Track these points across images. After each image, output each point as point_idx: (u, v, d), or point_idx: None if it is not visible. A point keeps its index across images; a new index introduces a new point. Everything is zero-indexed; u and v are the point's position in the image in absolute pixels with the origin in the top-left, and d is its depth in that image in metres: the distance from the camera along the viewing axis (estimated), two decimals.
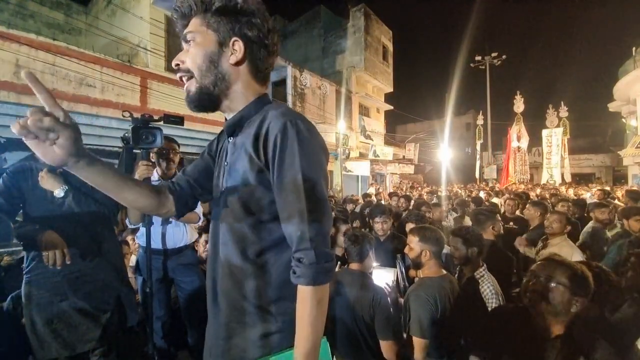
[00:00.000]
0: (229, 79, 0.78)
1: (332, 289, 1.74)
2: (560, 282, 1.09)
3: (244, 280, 0.76)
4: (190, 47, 0.77)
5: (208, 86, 0.76)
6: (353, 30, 14.75)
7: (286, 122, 0.70)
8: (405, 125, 29.20)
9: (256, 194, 0.74)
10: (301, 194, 0.68)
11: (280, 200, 0.71)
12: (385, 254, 2.47)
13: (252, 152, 0.74)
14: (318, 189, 0.70)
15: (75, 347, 1.55)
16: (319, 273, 0.67)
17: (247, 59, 0.79)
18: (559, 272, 1.12)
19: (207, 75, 0.76)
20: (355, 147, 14.59)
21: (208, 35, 0.76)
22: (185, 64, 0.77)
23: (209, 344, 0.86)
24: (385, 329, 1.55)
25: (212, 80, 0.76)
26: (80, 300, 1.57)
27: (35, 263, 1.54)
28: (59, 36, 7.85)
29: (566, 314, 1.09)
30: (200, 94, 0.76)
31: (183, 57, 0.77)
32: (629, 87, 13.56)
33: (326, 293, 0.70)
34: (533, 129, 17.33)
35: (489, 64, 21.10)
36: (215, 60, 0.76)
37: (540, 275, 1.15)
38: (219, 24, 0.75)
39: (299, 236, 0.68)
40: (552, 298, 1.09)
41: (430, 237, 1.70)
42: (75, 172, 0.68)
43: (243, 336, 0.77)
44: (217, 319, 0.82)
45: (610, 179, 19.38)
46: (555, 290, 1.10)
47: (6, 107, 5.07)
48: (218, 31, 0.75)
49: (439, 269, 1.70)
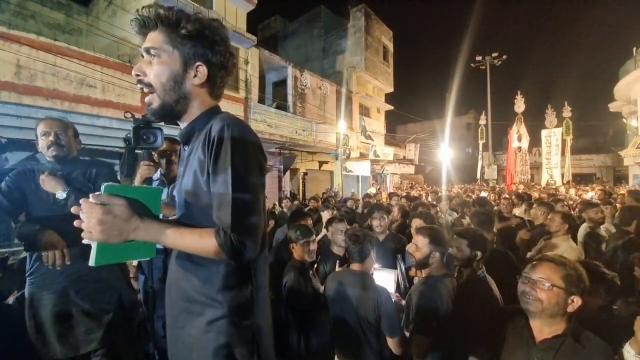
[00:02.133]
0: (190, 97, 0.86)
1: (333, 290, 1.75)
2: (555, 285, 1.08)
3: (193, 272, 0.84)
4: (154, 62, 0.81)
5: (170, 103, 0.83)
6: (353, 30, 14.75)
7: (224, 124, 0.78)
8: (405, 125, 29.21)
9: (204, 192, 0.80)
10: (229, 186, 0.75)
11: (213, 191, 0.78)
12: (385, 254, 2.47)
13: (200, 155, 0.80)
14: (246, 182, 0.77)
15: (78, 348, 1.55)
16: (226, 248, 0.74)
17: (208, 81, 0.86)
18: (552, 274, 1.10)
19: (170, 94, 0.82)
20: (356, 147, 14.59)
21: (174, 56, 0.81)
22: (147, 77, 0.81)
23: (168, 336, 0.92)
24: (393, 327, 1.56)
25: (175, 98, 0.83)
26: (82, 300, 1.58)
27: (38, 264, 1.54)
28: (59, 36, 7.86)
29: (564, 314, 1.09)
30: (163, 109, 0.83)
31: (144, 69, 0.82)
32: (629, 87, 13.55)
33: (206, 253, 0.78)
34: (533, 129, 17.32)
35: (490, 64, 21.09)
36: (179, 81, 0.82)
37: (533, 278, 1.13)
38: (185, 46, 0.81)
39: (222, 221, 0.76)
40: (548, 301, 1.08)
41: (441, 240, 1.71)
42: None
43: (192, 325, 0.83)
44: (171, 309, 0.91)
45: (611, 179, 19.35)
46: (550, 293, 1.08)
47: (7, 107, 5.08)
48: (184, 53, 0.82)
49: (442, 268, 1.71)
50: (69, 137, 1.69)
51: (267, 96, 12.02)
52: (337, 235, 2.44)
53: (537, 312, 1.11)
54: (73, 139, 1.72)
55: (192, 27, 0.81)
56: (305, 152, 12.17)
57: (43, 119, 1.67)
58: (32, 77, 5.30)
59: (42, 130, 1.62)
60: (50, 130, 1.62)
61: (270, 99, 12.02)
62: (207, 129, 0.81)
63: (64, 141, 1.65)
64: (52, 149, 1.61)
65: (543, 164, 16.30)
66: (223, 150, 0.76)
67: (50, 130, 1.62)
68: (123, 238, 0.73)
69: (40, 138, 1.62)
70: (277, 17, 17.47)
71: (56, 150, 1.62)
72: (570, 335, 1.07)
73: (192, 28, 0.81)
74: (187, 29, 0.80)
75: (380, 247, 2.48)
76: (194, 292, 0.84)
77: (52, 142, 1.61)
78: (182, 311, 0.86)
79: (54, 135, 1.62)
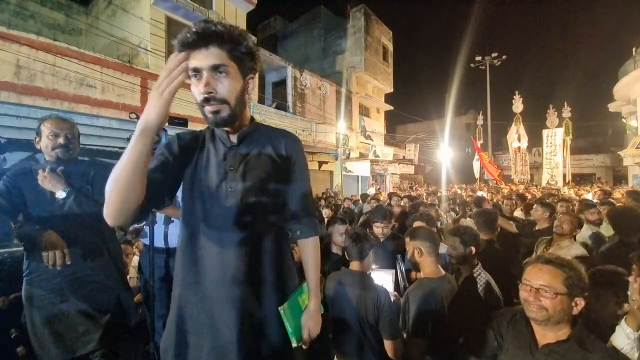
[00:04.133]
0: (245, 104, 1.00)
1: (333, 290, 1.74)
2: (558, 292, 1.05)
3: (268, 262, 0.99)
4: (223, 78, 0.88)
5: (238, 113, 0.95)
6: (353, 30, 14.76)
7: (298, 141, 1.14)
8: (405, 125, 29.23)
9: (275, 188, 1.02)
10: (307, 183, 1.12)
11: (294, 187, 1.07)
12: (385, 254, 2.47)
13: (274, 156, 1.03)
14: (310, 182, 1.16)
15: (75, 350, 1.54)
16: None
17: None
18: (553, 280, 1.07)
19: (240, 105, 0.95)
20: (356, 147, 14.60)
21: (237, 72, 0.91)
22: (219, 94, 0.88)
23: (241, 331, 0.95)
24: (391, 328, 1.55)
25: (241, 107, 0.97)
26: (80, 301, 1.56)
27: (35, 264, 1.53)
28: (59, 37, 7.85)
29: (569, 319, 1.07)
30: (232, 118, 0.93)
31: (215, 86, 0.87)
32: (629, 87, 13.56)
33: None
34: (533, 129, 17.35)
35: (489, 64, 21.10)
36: (243, 93, 0.95)
37: (535, 286, 1.10)
38: (244, 63, 0.93)
39: (303, 209, 1.08)
40: (554, 309, 1.05)
41: (418, 234, 1.72)
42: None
43: (271, 304, 0.99)
44: (235, 306, 0.94)
45: (611, 179, 19.37)
46: (554, 301, 1.05)
47: (6, 107, 5.08)
48: (243, 68, 0.93)
49: (438, 270, 1.70)
50: (76, 140, 1.68)
51: (266, 96, 12.04)
52: (336, 235, 2.44)
53: (543, 320, 1.08)
54: (78, 142, 1.71)
55: (249, 45, 0.91)
56: (305, 152, 12.16)
57: (52, 118, 1.63)
58: (32, 77, 5.29)
59: (50, 129, 1.58)
60: (61, 132, 1.59)
61: (270, 99, 12.03)
62: (271, 136, 1.07)
63: (72, 144, 1.63)
64: (59, 150, 1.58)
65: (543, 164, 16.31)
66: (302, 158, 1.10)
67: (60, 132, 1.59)
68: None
69: (47, 137, 1.58)
70: (277, 17, 17.48)
71: (62, 153, 1.59)
72: (575, 340, 1.04)
73: (250, 46, 0.92)
74: (246, 46, 0.91)
75: (380, 247, 2.48)
76: (272, 277, 0.99)
77: (60, 145, 1.58)
78: (259, 298, 0.97)
79: (63, 138, 1.59)
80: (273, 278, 0.99)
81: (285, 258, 1.05)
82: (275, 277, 0.99)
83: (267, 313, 0.97)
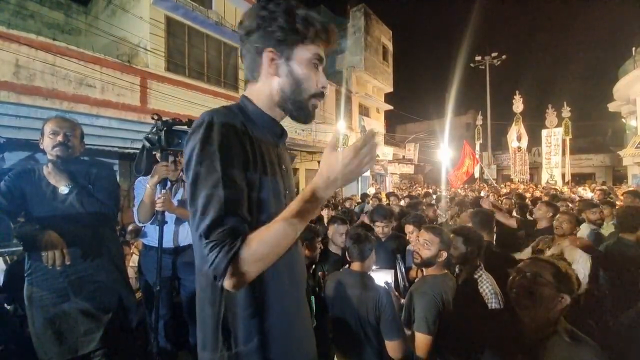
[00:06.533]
0: None
1: (333, 290, 1.74)
2: (545, 278, 1.14)
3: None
4: (320, 71, 0.85)
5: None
6: (353, 30, 14.76)
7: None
8: (405, 125, 29.19)
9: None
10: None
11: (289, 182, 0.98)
12: (386, 254, 2.47)
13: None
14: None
15: (77, 350, 1.54)
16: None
17: None
18: (543, 269, 1.17)
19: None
20: None
21: None
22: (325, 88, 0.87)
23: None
24: (393, 329, 1.55)
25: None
26: (82, 301, 1.57)
27: (37, 264, 1.53)
28: (58, 36, 7.84)
29: (551, 311, 1.11)
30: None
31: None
32: (629, 87, 13.56)
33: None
34: (533, 129, 17.35)
35: (489, 64, 21.12)
36: None
37: (526, 271, 1.20)
38: None
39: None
40: (538, 293, 1.13)
41: (449, 242, 1.72)
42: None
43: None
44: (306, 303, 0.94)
45: (610, 179, 19.37)
46: (540, 285, 1.14)
47: (6, 107, 5.07)
48: None
49: (442, 268, 1.72)
50: (76, 139, 1.69)
51: None
52: (336, 236, 2.44)
53: (526, 306, 1.15)
54: (79, 141, 1.72)
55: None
56: (304, 152, 12.17)
57: (53, 118, 1.66)
58: (31, 77, 5.28)
59: (51, 128, 1.60)
60: (60, 130, 1.61)
61: None
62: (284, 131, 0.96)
63: (71, 142, 1.64)
64: (58, 149, 1.60)
65: (543, 163, 16.32)
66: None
67: (59, 130, 1.61)
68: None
69: (48, 136, 1.60)
70: None
71: (61, 151, 1.61)
72: (559, 332, 1.09)
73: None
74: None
75: (381, 247, 2.48)
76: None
77: (59, 142, 1.60)
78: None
79: (62, 136, 1.61)
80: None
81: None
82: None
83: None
